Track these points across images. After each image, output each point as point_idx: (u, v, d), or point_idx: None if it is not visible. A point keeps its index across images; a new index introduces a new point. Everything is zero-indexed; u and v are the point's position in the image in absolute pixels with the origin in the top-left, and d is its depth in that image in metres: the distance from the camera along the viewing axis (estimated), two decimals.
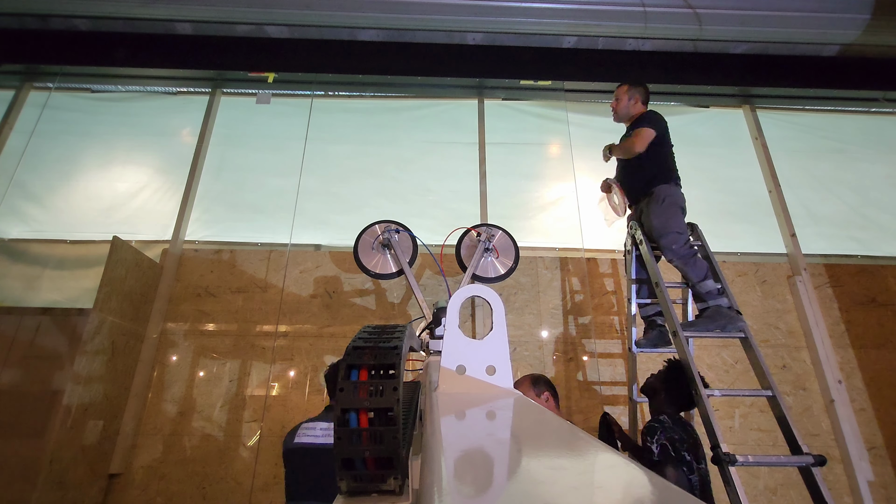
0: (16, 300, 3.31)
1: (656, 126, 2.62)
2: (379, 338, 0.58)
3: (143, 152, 4.01)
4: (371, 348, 0.54)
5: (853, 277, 3.59)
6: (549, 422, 0.51)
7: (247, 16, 3.80)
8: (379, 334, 0.60)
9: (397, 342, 0.56)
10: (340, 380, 0.51)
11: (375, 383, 0.51)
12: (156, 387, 3.09)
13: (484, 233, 2.57)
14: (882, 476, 3.04)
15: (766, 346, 3.34)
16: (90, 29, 3.86)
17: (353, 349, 0.55)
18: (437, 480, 0.37)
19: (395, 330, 0.62)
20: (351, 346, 0.56)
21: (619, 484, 0.38)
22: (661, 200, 2.53)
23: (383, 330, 0.62)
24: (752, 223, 3.85)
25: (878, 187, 4.07)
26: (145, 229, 3.62)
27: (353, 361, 0.53)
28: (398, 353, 0.53)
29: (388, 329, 0.63)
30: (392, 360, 0.52)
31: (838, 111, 4.43)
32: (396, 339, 0.57)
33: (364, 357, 0.53)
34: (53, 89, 4.10)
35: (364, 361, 0.52)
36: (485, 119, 4.18)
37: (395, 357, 0.52)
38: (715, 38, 3.95)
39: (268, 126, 4.15)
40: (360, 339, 0.58)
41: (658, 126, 2.63)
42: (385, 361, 0.52)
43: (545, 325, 3.38)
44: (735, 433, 3.13)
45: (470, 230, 2.66)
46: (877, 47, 3.99)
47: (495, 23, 3.85)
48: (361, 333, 0.61)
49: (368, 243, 2.50)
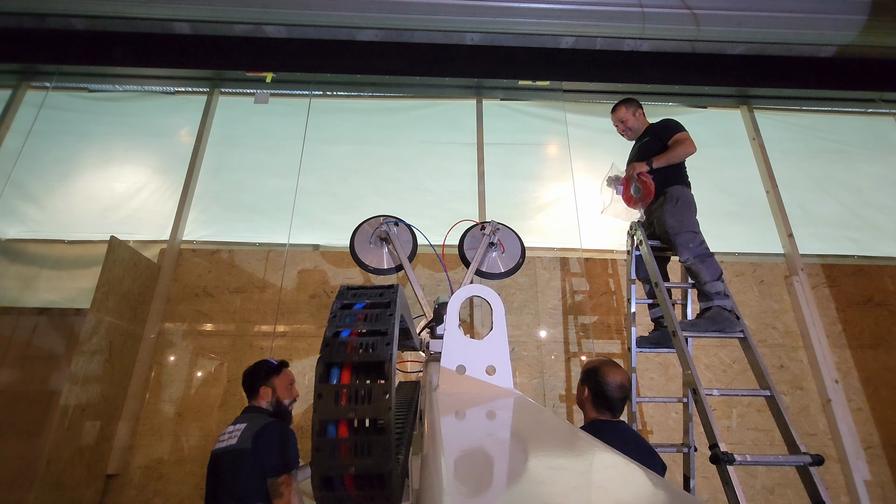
0: (13, 300, 3.30)
1: None
2: (364, 321, 0.48)
3: (140, 152, 4.00)
4: (355, 344, 0.45)
5: (850, 278, 3.60)
6: (549, 422, 0.51)
7: (245, 15, 3.79)
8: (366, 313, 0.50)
9: (387, 332, 0.46)
10: (318, 382, 0.43)
11: (362, 387, 0.42)
12: (153, 387, 3.08)
13: (488, 227, 2.47)
14: (878, 475, 3.05)
15: (763, 345, 3.35)
16: (88, 28, 3.85)
17: (331, 342, 0.44)
18: (437, 480, 0.37)
19: (384, 302, 0.53)
20: (329, 334, 0.46)
21: (618, 484, 0.38)
22: (676, 201, 2.57)
23: (370, 300, 0.53)
24: (749, 223, 3.86)
25: (874, 188, 4.08)
26: (143, 229, 3.61)
27: (334, 359, 0.44)
28: (389, 355, 0.44)
29: (372, 294, 0.54)
30: (381, 358, 0.44)
31: (835, 112, 4.44)
32: (386, 321, 0.47)
33: (347, 352, 0.44)
34: (51, 89, 4.09)
35: (347, 358, 0.43)
36: (483, 119, 4.18)
37: (386, 353, 0.44)
38: (713, 39, 3.96)
39: (266, 126, 4.14)
40: (338, 319, 0.48)
41: None
42: (373, 358, 0.44)
43: (544, 324, 3.38)
44: (733, 433, 3.14)
45: (475, 225, 2.59)
46: (873, 48, 4.01)
47: (493, 23, 3.85)
48: (340, 310, 0.51)
49: (366, 238, 2.35)
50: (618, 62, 4.03)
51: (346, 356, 0.44)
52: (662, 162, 2.64)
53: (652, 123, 2.85)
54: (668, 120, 2.80)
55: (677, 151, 2.65)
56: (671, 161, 2.66)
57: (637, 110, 2.91)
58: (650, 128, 2.84)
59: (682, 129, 2.70)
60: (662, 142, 2.71)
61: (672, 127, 2.75)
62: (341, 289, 0.62)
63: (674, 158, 2.65)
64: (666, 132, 2.74)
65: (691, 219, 2.54)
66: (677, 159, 2.66)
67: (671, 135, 2.69)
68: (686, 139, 2.65)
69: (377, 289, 0.62)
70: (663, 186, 2.65)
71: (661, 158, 2.65)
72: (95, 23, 3.83)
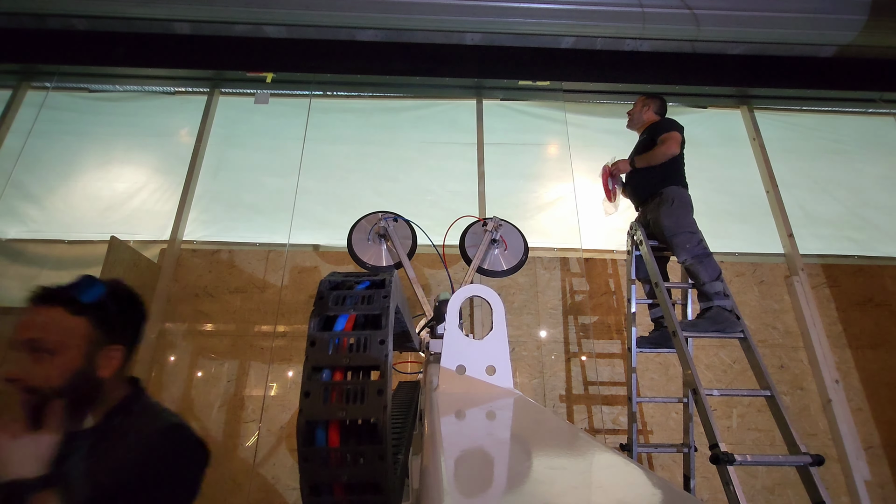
0: (14, 300, 3.30)
1: (681, 130, 2.71)
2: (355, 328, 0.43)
3: (141, 152, 4.00)
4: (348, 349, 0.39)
5: (850, 277, 3.60)
6: (549, 422, 0.51)
7: (245, 15, 3.80)
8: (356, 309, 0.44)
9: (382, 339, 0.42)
10: (305, 380, 0.38)
11: (354, 384, 0.39)
12: (154, 387, 3.08)
13: (490, 223, 2.39)
14: (879, 475, 3.05)
15: (763, 346, 3.35)
16: (88, 28, 3.85)
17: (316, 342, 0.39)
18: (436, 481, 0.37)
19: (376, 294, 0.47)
20: (312, 335, 0.42)
21: (618, 484, 0.38)
22: (671, 202, 2.56)
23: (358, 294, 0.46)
24: (749, 223, 3.86)
25: (874, 188, 4.08)
26: (143, 229, 3.61)
27: (321, 363, 0.40)
28: (386, 356, 0.41)
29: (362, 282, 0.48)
30: (377, 360, 0.40)
31: (835, 112, 4.44)
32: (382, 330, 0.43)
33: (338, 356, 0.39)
34: (51, 89, 4.09)
35: (339, 363, 0.39)
36: (483, 119, 4.18)
37: (382, 356, 0.41)
38: (713, 39, 3.96)
39: (266, 126, 4.14)
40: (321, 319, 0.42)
41: (681, 130, 2.72)
42: (367, 362, 0.41)
43: (544, 324, 3.38)
44: (733, 433, 3.14)
45: (477, 221, 2.51)
46: (874, 48, 4.01)
47: (493, 23, 3.85)
48: (326, 302, 0.44)
49: (363, 235, 2.30)
50: (618, 62, 4.03)
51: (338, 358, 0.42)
52: (643, 162, 2.69)
53: (654, 122, 2.85)
54: (665, 119, 2.81)
55: (655, 153, 2.67)
56: (650, 162, 2.68)
57: (648, 105, 2.92)
58: (651, 126, 2.85)
59: (674, 128, 2.68)
60: (654, 141, 2.73)
61: (663, 126, 2.74)
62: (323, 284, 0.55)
63: (652, 160, 2.67)
64: (657, 131, 2.75)
65: (688, 219, 2.54)
66: (655, 161, 2.67)
67: (660, 134, 2.71)
68: (668, 139, 2.63)
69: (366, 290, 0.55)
70: (658, 187, 2.65)
71: (642, 159, 2.69)
72: (95, 23, 3.83)
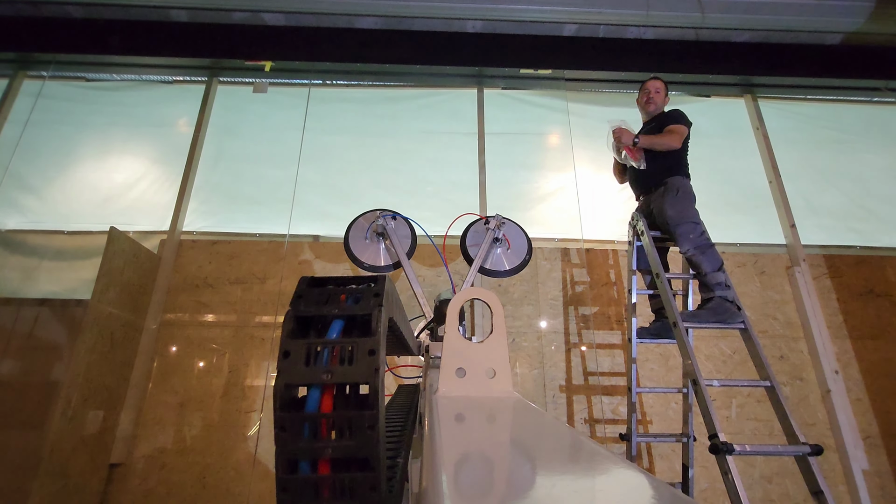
0: (13, 291, 3.31)
1: (689, 126, 2.73)
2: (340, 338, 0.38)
3: (139, 142, 3.97)
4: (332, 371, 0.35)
5: (852, 268, 3.59)
6: (549, 425, 0.51)
7: (243, 2, 3.75)
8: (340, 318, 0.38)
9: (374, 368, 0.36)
10: (278, 409, 0.34)
11: (342, 415, 0.34)
12: (155, 378, 3.10)
13: (493, 221, 2.35)
14: (877, 465, 3.07)
15: (764, 336, 3.35)
16: (84, 16, 3.81)
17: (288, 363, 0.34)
18: (436, 484, 0.37)
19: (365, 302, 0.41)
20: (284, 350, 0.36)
21: (618, 487, 0.37)
22: (676, 191, 2.57)
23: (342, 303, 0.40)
24: (751, 214, 3.84)
25: (878, 178, 4.05)
26: (143, 220, 3.60)
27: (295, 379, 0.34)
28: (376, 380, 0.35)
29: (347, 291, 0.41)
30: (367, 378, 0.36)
31: (840, 101, 4.39)
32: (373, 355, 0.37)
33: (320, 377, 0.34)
34: (47, 78, 4.05)
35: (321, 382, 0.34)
36: (484, 109, 4.14)
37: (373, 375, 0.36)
38: (717, 27, 3.91)
39: (265, 116, 4.10)
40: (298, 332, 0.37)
41: (690, 126, 2.74)
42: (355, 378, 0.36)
43: (544, 315, 3.38)
44: (732, 423, 3.16)
45: (479, 219, 2.47)
46: (880, 35, 3.95)
47: (495, 10, 3.80)
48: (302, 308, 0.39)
49: (361, 233, 2.23)
50: (621, 50, 3.98)
51: None
52: (645, 144, 2.70)
53: (666, 111, 2.85)
54: (676, 110, 2.82)
55: (659, 139, 2.68)
56: (651, 146, 2.69)
57: (668, 94, 2.94)
58: (661, 115, 2.85)
59: (682, 122, 2.70)
60: (661, 130, 2.74)
61: (674, 117, 2.76)
62: None
63: (654, 145, 2.68)
64: (667, 121, 2.76)
65: (691, 209, 2.55)
66: (656, 147, 2.68)
67: (668, 124, 2.72)
68: (674, 131, 2.66)
69: None
70: (663, 177, 2.65)
71: (645, 139, 2.70)
72: (91, 10, 3.78)
